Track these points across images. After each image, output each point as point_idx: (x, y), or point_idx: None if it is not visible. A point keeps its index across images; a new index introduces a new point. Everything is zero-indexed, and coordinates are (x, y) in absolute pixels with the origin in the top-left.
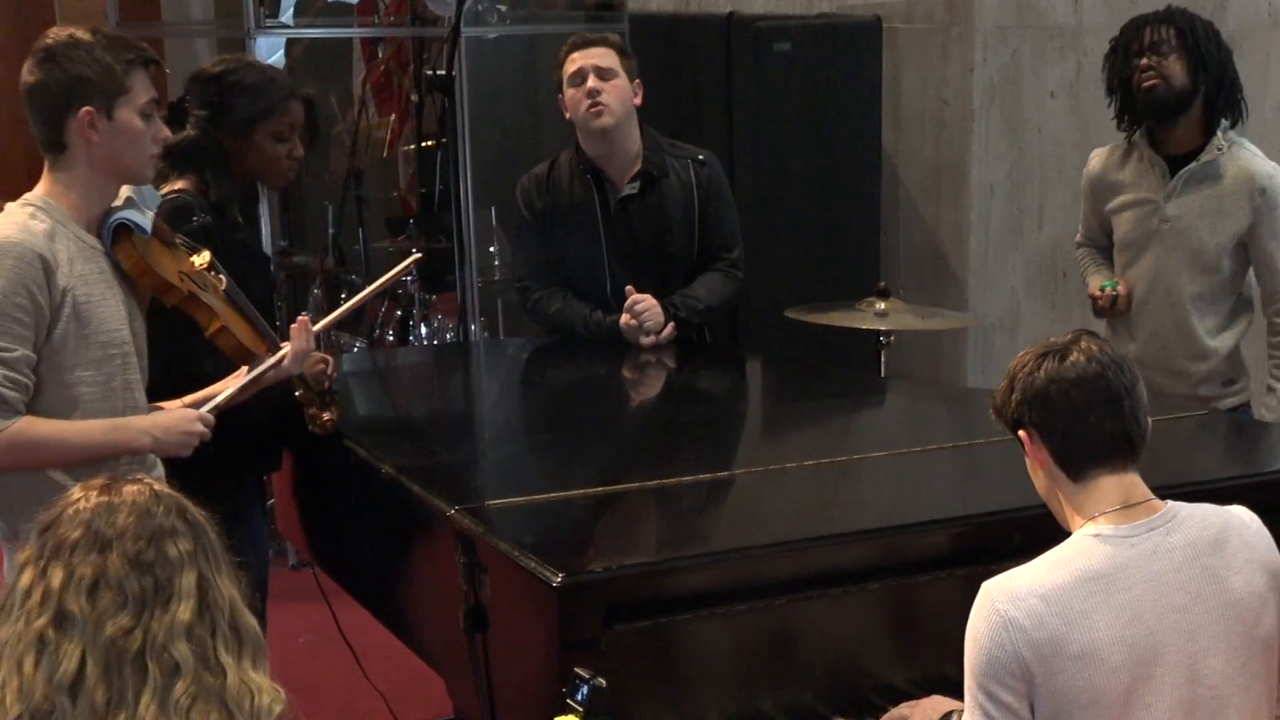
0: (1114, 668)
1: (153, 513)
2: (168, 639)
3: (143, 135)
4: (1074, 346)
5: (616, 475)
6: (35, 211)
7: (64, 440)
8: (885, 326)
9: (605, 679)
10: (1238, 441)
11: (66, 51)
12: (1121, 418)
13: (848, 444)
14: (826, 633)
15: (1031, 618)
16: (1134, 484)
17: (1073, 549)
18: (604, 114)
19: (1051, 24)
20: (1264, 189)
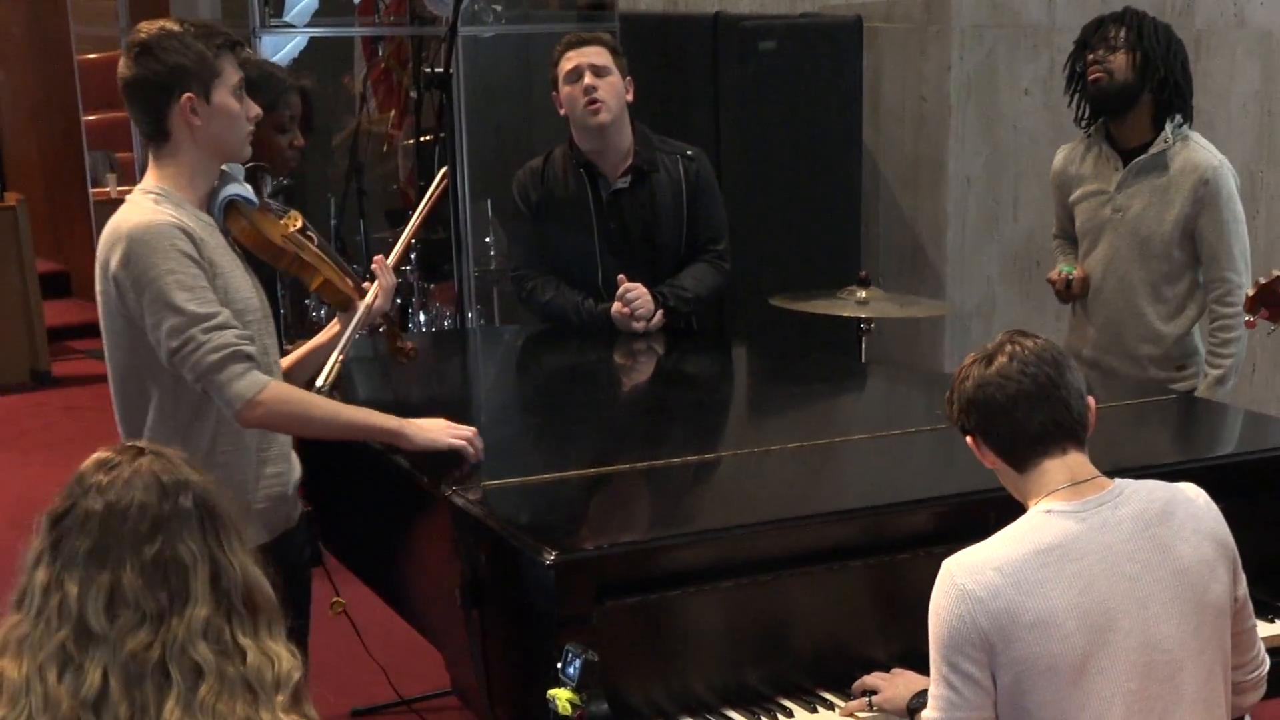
0: (1068, 634)
1: (162, 507)
2: (187, 641)
3: (239, 114)
4: (999, 351)
5: (608, 457)
6: (157, 198)
7: (319, 407)
8: (866, 314)
9: (597, 653)
10: (1190, 425)
11: (161, 43)
12: (1051, 408)
13: (830, 427)
14: (810, 608)
15: (988, 589)
16: (1079, 464)
17: (1027, 525)
18: (601, 111)
19: (1025, 23)
20: (1207, 180)
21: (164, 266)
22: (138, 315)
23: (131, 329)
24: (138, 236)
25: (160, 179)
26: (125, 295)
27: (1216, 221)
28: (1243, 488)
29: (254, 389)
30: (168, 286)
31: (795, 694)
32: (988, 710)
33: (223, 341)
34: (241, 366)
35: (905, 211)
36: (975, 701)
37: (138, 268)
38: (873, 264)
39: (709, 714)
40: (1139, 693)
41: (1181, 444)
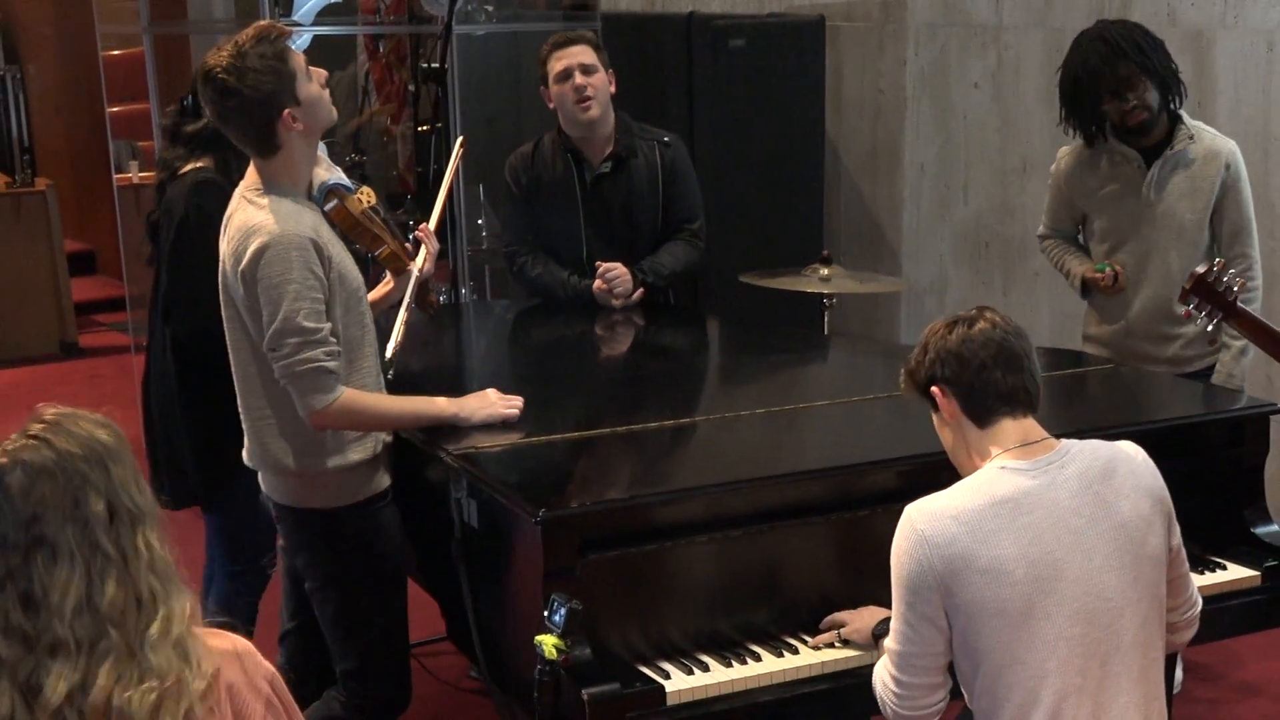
0: (1016, 581)
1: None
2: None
3: (321, 93)
4: (980, 317)
5: (591, 422)
6: (276, 198)
7: (381, 408)
8: (828, 290)
9: (581, 602)
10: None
11: (240, 80)
12: (1021, 374)
13: (795, 394)
14: (778, 561)
15: (945, 535)
16: (1031, 427)
17: (984, 478)
18: (592, 107)
19: (975, 22)
20: (1229, 164)
21: (288, 275)
22: (256, 310)
23: (251, 321)
24: (273, 242)
25: (273, 175)
26: (248, 290)
27: (1239, 200)
28: (1181, 450)
29: (325, 402)
30: (284, 294)
31: (764, 640)
32: (940, 646)
33: (311, 356)
34: (322, 381)
35: (864, 196)
36: (929, 638)
37: (265, 270)
38: (834, 244)
39: (684, 658)
40: (1081, 637)
41: (1133, 409)
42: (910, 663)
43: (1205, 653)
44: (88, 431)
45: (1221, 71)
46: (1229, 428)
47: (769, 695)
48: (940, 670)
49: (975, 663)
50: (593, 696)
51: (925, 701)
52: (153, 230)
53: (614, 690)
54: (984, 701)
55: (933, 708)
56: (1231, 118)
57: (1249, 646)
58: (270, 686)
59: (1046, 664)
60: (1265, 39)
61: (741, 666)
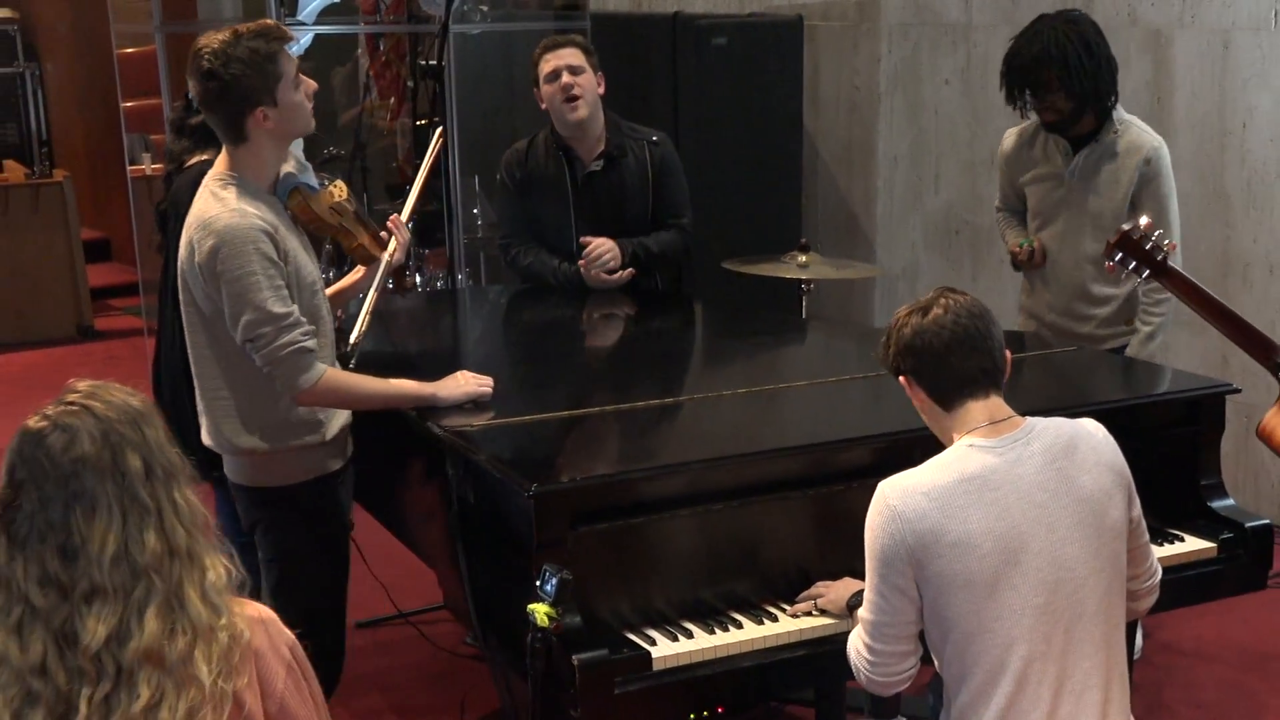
0: (984, 554)
1: (72, 485)
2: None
3: (302, 102)
4: (935, 303)
5: (581, 401)
6: (239, 187)
7: (364, 388)
8: (806, 276)
9: (571, 573)
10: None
11: (224, 67)
12: (978, 355)
13: (775, 374)
14: (759, 534)
15: (916, 511)
16: (998, 405)
17: (953, 456)
18: (580, 107)
19: (945, 22)
20: (1149, 159)
21: (248, 268)
22: (215, 300)
23: (209, 305)
24: (227, 237)
25: (235, 166)
26: (207, 282)
27: (1157, 195)
28: (1141, 428)
29: (311, 381)
30: (249, 286)
31: (745, 608)
32: (911, 615)
33: (291, 339)
34: (304, 361)
35: (840, 186)
36: (901, 608)
37: (225, 265)
38: (812, 232)
39: (669, 625)
40: (1045, 606)
41: (1096, 389)
42: (883, 631)
43: (1164, 620)
44: (121, 398)
45: (1179, 68)
46: (1187, 407)
47: (750, 661)
48: (911, 639)
49: (945, 631)
50: (583, 662)
51: (897, 668)
52: (161, 220)
53: (603, 656)
54: (954, 668)
55: (904, 674)
56: (1188, 112)
57: (1206, 615)
58: (291, 653)
59: (1013, 632)
60: (1221, 37)
61: (724, 634)
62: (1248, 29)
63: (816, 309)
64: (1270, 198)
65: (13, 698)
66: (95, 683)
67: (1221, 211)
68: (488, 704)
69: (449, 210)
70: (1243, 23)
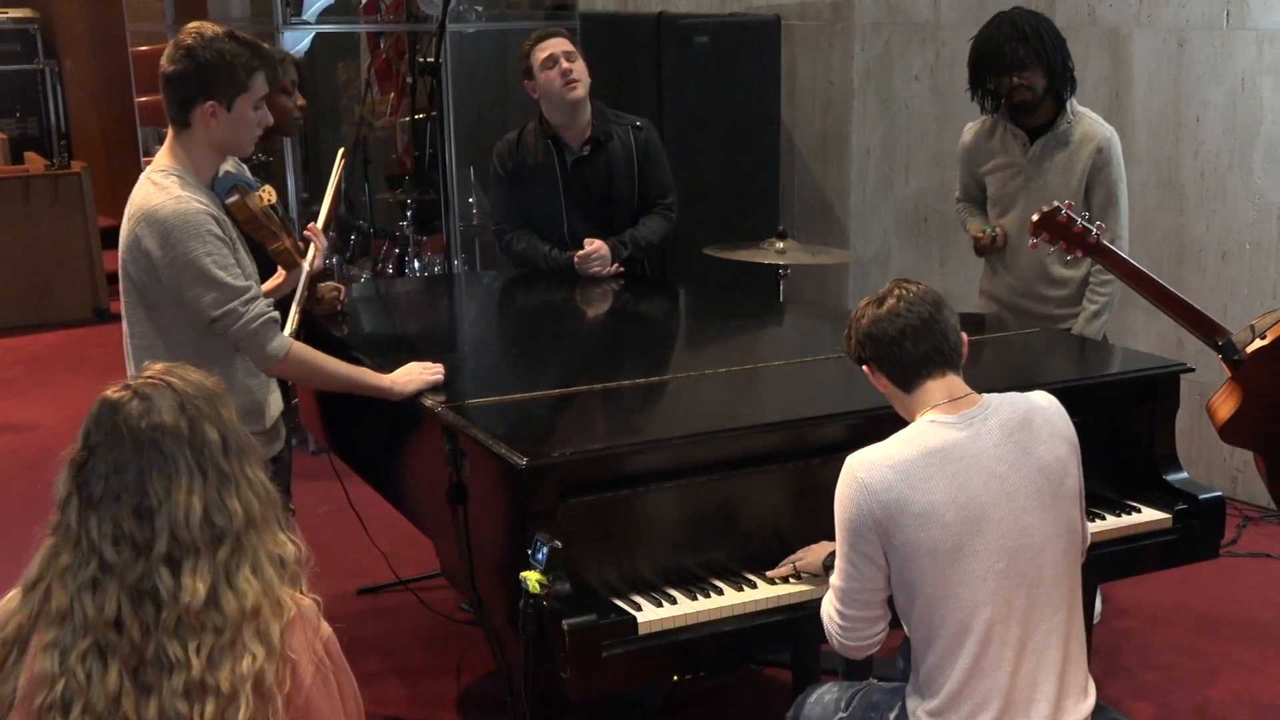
0: (947, 523)
1: (150, 450)
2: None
3: (253, 123)
4: (890, 294)
5: (571, 380)
6: (180, 182)
7: (329, 367)
8: (783, 261)
9: (560, 542)
10: (1072, 352)
11: (202, 52)
12: (932, 339)
13: (753, 355)
14: (739, 505)
15: (882, 483)
16: (955, 384)
17: (916, 431)
18: (578, 87)
19: (915, 21)
20: (1101, 148)
21: (202, 249)
22: (171, 287)
23: (154, 292)
24: (175, 223)
25: (177, 159)
26: (157, 268)
27: (1108, 182)
28: (1101, 405)
29: (284, 349)
30: (206, 267)
31: (725, 576)
32: (880, 582)
33: (259, 311)
34: (274, 331)
35: (816, 177)
36: (870, 575)
37: (175, 250)
38: (789, 220)
39: (654, 592)
40: (1007, 571)
41: (1059, 368)
42: (853, 598)
43: (1123, 587)
44: (198, 377)
45: (1136, 65)
46: (1144, 386)
47: (731, 625)
48: (880, 605)
49: (912, 596)
50: (571, 627)
51: (867, 633)
52: None
53: (591, 621)
54: (920, 631)
55: (874, 638)
56: (1145, 107)
57: (1161, 582)
58: (325, 649)
59: (976, 596)
60: (1176, 36)
61: (705, 600)
62: (1201, 28)
63: (793, 293)
64: (1222, 187)
65: (85, 651)
66: (199, 636)
67: (1176, 200)
68: (483, 666)
69: (446, 199)
70: (1196, 22)
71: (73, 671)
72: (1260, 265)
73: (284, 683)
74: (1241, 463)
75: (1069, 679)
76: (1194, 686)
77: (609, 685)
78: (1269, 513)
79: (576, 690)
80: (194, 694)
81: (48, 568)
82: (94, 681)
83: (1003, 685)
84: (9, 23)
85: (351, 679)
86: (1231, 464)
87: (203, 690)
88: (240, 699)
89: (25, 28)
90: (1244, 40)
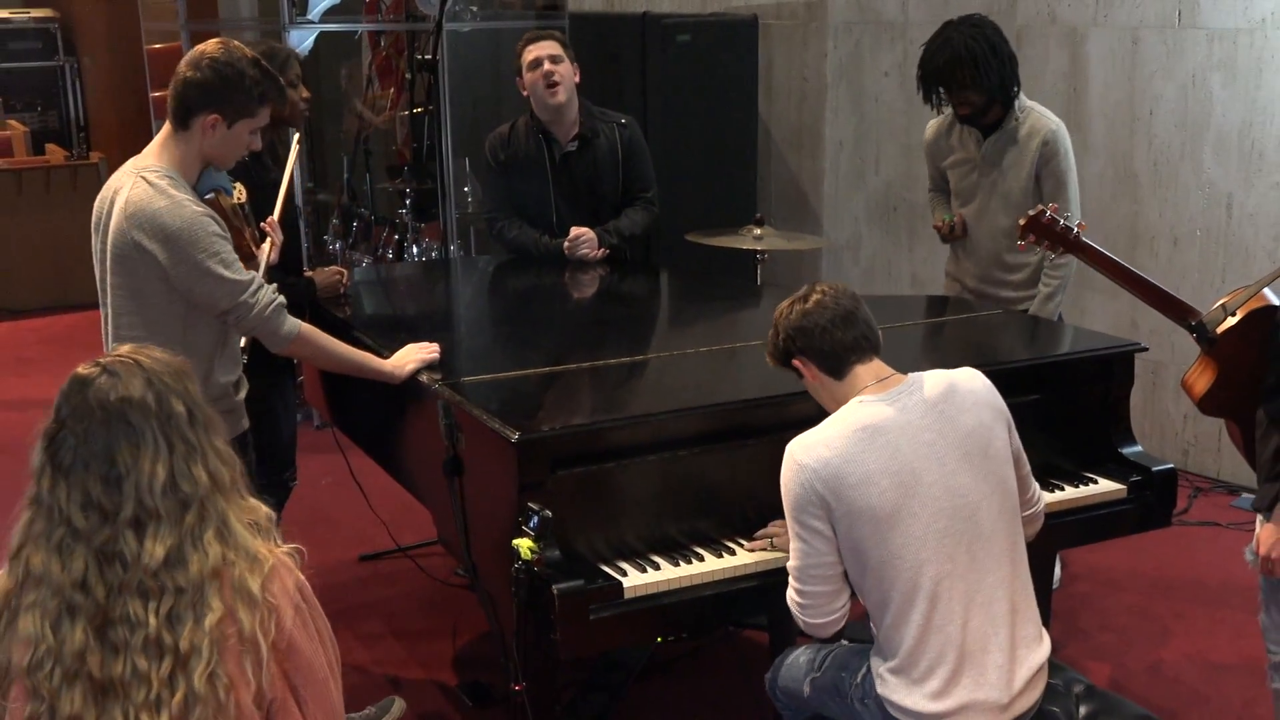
0: (883, 489)
1: (118, 424)
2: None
3: (244, 145)
4: (813, 292)
5: (560, 358)
6: (172, 183)
7: (335, 349)
8: (760, 247)
9: (551, 511)
10: (1027, 333)
11: (225, 68)
12: (857, 326)
13: (732, 335)
14: (718, 477)
15: (820, 462)
16: (880, 367)
17: (848, 411)
18: (559, 92)
19: (885, 20)
20: (1047, 140)
21: (210, 250)
22: (180, 286)
23: (146, 283)
24: (181, 229)
25: (166, 158)
26: (158, 265)
27: (1056, 171)
28: (1060, 383)
29: (295, 330)
30: (213, 268)
31: (706, 543)
32: (831, 556)
33: (267, 299)
34: (283, 315)
35: (791, 167)
36: (821, 548)
37: (184, 255)
38: (766, 208)
39: (639, 559)
40: (946, 529)
41: (1021, 348)
42: (809, 574)
43: (1080, 554)
44: (164, 356)
45: (1093, 62)
46: (1100, 364)
47: (711, 590)
48: (836, 579)
49: (862, 564)
50: (561, 591)
51: (828, 608)
52: None
53: (579, 586)
54: (874, 596)
55: (836, 613)
56: (1101, 102)
57: (1116, 549)
58: (300, 593)
59: (920, 554)
60: (1130, 34)
61: (688, 566)
62: (1154, 27)
63: (770, 277)
64: (1174, 177)
65: (51, 610)
66: (158, 597)
67: (1131, 189)
68: (476, 628)
69: (442, 188)
70: (1150, 21)
71: (46, 632)
72: (1209, 250)
73: (269, 631)
74: (1193, 436)
75: (1020, 630)
76: (1147, 647)
77: (596, 646)
78: (1218, 484)
79: (566, 650)
80: (151, 651)
81: (26, 536)
82: (65, 640)
83: (956, 638)
84: (31, 22)
85: (326, 622)
86: (1183, 438)
87: (159, 647)
88: (202, 654)
89: (46, 27)
90: (1195, 39)
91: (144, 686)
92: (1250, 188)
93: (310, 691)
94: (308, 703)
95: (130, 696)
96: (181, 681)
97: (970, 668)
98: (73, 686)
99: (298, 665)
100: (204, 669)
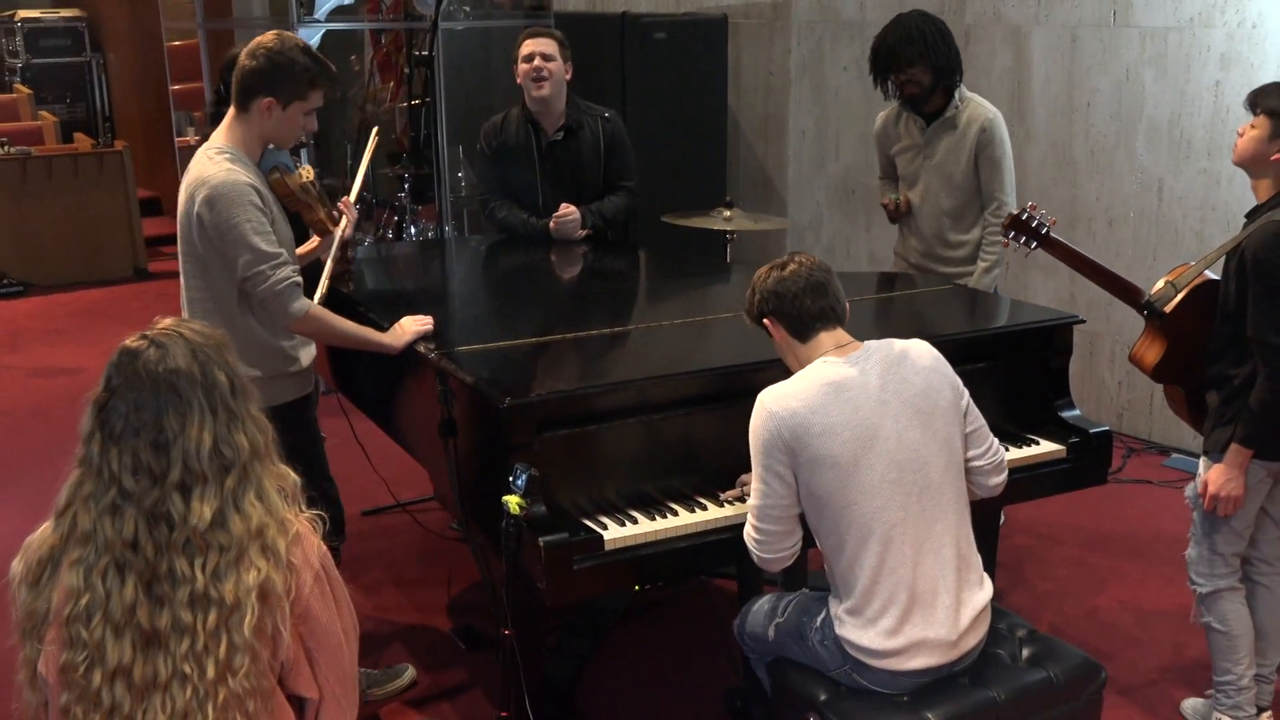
0: (845, 440)
1: (165, 394)
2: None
3: (299, 126)
4: (791, 261)
5: (546, 329)
6: (231, 158)
7: (339, 326)
8: (730, 228)
9: (538, 470)
10: (971, 306)
11: (278, 56)
12: (826, 297)
13: (704, 308)
14: (691, 438)
15: (788, 411)
16: (842, 335)
17: (814, 369)
18: (544, 87)
19: (844, 19)
20: (985, 127)
21: (242, 216)
22: (216, 246)
23: (205, 251)
24: (224, 191)
25: (230, 140)
26: (205, 229)
27: (993, 157)
28: (1005, 351)
29: (303, 309)
30: (245, 232)
31: (680, 499)
32: (790, 499)
33: (284, 275)
34: (296, 293)
35: (758, 154)
36: (780, 491)
37: (221, 215)
38: (735, 191)
39: (618, 513)
40: (898, 480)
41: (968, 319)
42: (767, 513)
43: (1022, 509)
44: (205, 328)
45: (1036, 58)
46: (1042, 335)
47: (684, 542)
48: (791, 520)
49: (819, 509)
50: (547, 543)
51: (780, 545)
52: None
53: (563, 538)
54: (830, 540)
55: (786, 551)
56: (1043, 94)
57: (1056, 505)
58: (321, 563)
59: (874, 502)
60: (1070, 32)
61: (663, 520)
62: (1092, 25)
63: (738, 255)
64: (1110, 163)
65: (100, 566)
66: (204, 554)
67: (1070, 175)
68: (469, 578)
69: (438, 173)
70: (1088, 20)
71: (94, 586)
72: (1142, 230)
73: (290, 590)
74: (1127, 401)
75: (965, 574)
76: (1085, 596)
77: (579, 594)
78: (1150, 445)
79: (551, 598)
80: (198, 604)
81: (74, 495)
82: (112, 594)
83: (907, 580)
84: (60, 21)
85: (344, 588)
86: (1118, 402)
87: (206, 601)
88: (246, 607)
89: (75, 25)
90: (1129, 36)
91: (188, 638)
92: (1179, 173)
93: (323, 655)
94: (320, 665)
95: (173, 648)
96: (224, 634)
97: (920, 608)
98: (121, 638)
99: (312, 630)
100: (251, 620)
